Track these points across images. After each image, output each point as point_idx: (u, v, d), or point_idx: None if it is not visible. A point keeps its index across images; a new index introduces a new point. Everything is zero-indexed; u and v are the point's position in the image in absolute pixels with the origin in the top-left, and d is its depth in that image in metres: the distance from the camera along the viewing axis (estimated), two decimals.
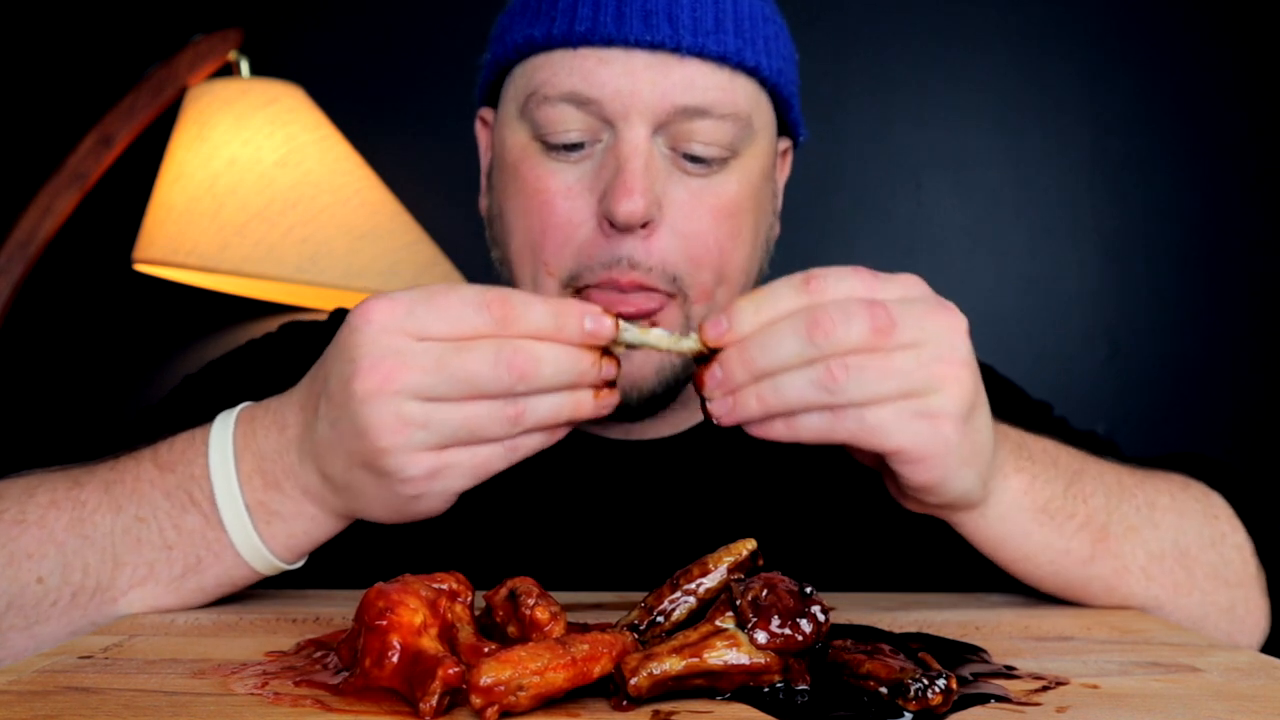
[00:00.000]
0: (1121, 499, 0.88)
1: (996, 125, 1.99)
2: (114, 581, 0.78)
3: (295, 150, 1.74)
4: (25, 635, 0.78)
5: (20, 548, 0.78)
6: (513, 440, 0.70)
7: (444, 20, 2.00)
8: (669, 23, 0.87)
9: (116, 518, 0.79)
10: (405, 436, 0.68)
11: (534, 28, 0.90)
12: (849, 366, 0.67)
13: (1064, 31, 1.99)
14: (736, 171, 0.92)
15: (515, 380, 0.67)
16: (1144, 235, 1.98)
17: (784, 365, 0.68)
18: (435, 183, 1.96)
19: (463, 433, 0.69)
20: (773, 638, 0.58)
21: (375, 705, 0.56)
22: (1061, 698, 0.59)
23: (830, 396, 0.68)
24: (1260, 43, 1.97)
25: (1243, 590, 0.90)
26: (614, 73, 0.87)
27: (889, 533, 1.00)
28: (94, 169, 1.83)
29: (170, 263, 1.70)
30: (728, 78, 0.89)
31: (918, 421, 0.70)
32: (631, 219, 0.86)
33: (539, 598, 0.61)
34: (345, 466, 0.72)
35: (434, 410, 0.68)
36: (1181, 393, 1.97)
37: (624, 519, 0.99)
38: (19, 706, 0.54)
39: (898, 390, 0.69)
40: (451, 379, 0.67)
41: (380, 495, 0.73)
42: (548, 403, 0.70)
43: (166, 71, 1.86)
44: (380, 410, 0.68)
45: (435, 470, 0.70)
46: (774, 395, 0.68)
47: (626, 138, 0.88)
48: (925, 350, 0.69)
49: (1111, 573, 0.86)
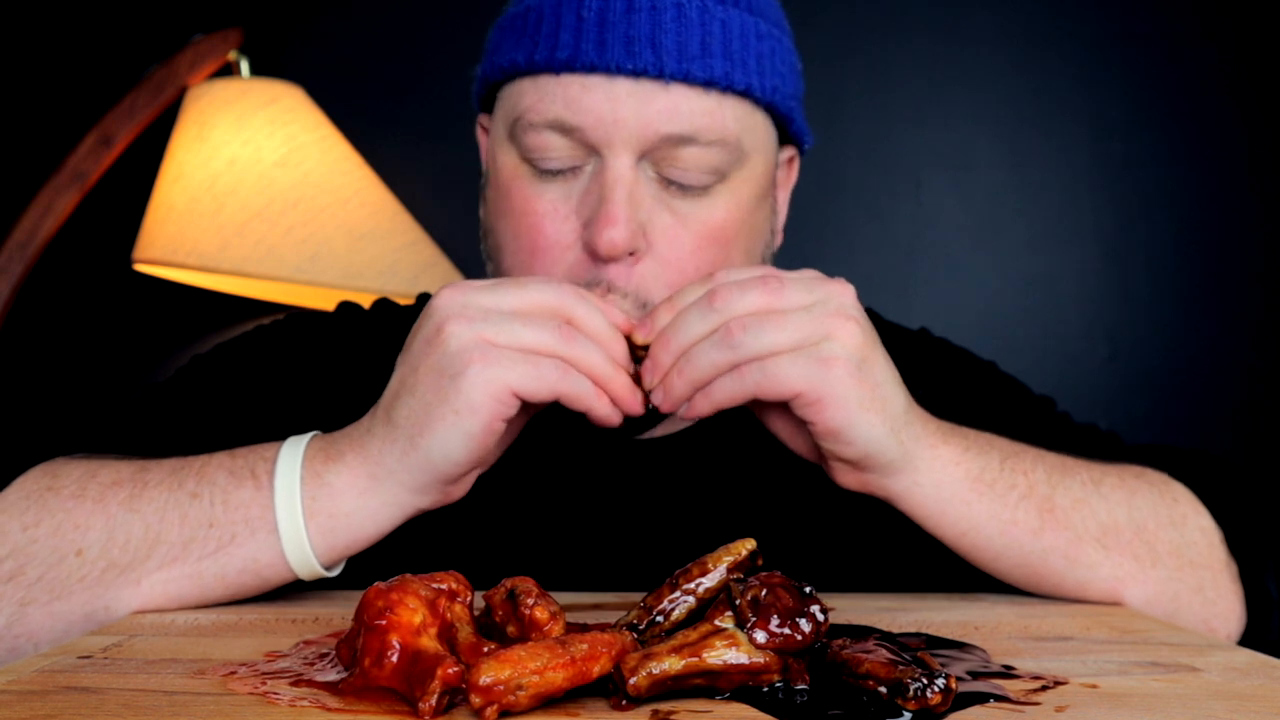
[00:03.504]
0: (1064, 475, 0.89)
1: (996, 125, 1.99)
2: (148, 558, 0.79)
3: (295, 150, 1.74)
4: (45, 612, 0.78)
5: (71, 519, 0.79)
6: (564, 365, 0.75)
7: (444, 20, 2.00)
8: (652, 49, 0.87)
9: (172, 494, 0.80)
10: (468, 321, 0.75)
11: (517, 52, 0.90)
12: (746, 325, 0.76)
13: (1064, 32, 1.99)
14: (724, 196, 0.91)
15: (566, 298, 0.77)
16: (1144, 235, 1.98)
17: (695, 339, 0.77)
18: (435, 183, 1.96)
19: (517, 327, 0.75)
20: (772, 637, 0.58)
21: (375, 705, 0.56)
22: (1060, 697, 0.59)
23: (733, 353, 0.76)
24: (1260, 43, 1.97)
25: (1210, 573, 0.90)
26: (596, 100, 0.87)
27: (889, 533, 1.00)
28: (94, 169, 1.83)
29: (170, 263, 1.71)
30: (715, 102, 0.89)
31: (813, 365, 0.76)
32: (614, 250, 0.86)
33: (538, 597, 0.61)
34: (413, 391, 0.76)
35: (494, 313, 0.75)
36: (1181, 393, 1.97)
37: (623, 518, 0.99)
38: (18, 706, 0.54)
39: (792, 341, 0.76)
40: (512, 292, 0.76)
41: (438, 402, 0.75)
42: (593, 349, 0.76)
43: (166, 71, 1.86)
44: (449, 302, 0.76)
45: (484, 351, 0.74)
46: (690, 367, 0.77)
47: (610, 165, 0.87)
48: (816, 308, 0.77)
49: (1066, 543, 0.87)
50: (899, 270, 2.00)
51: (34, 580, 0.78)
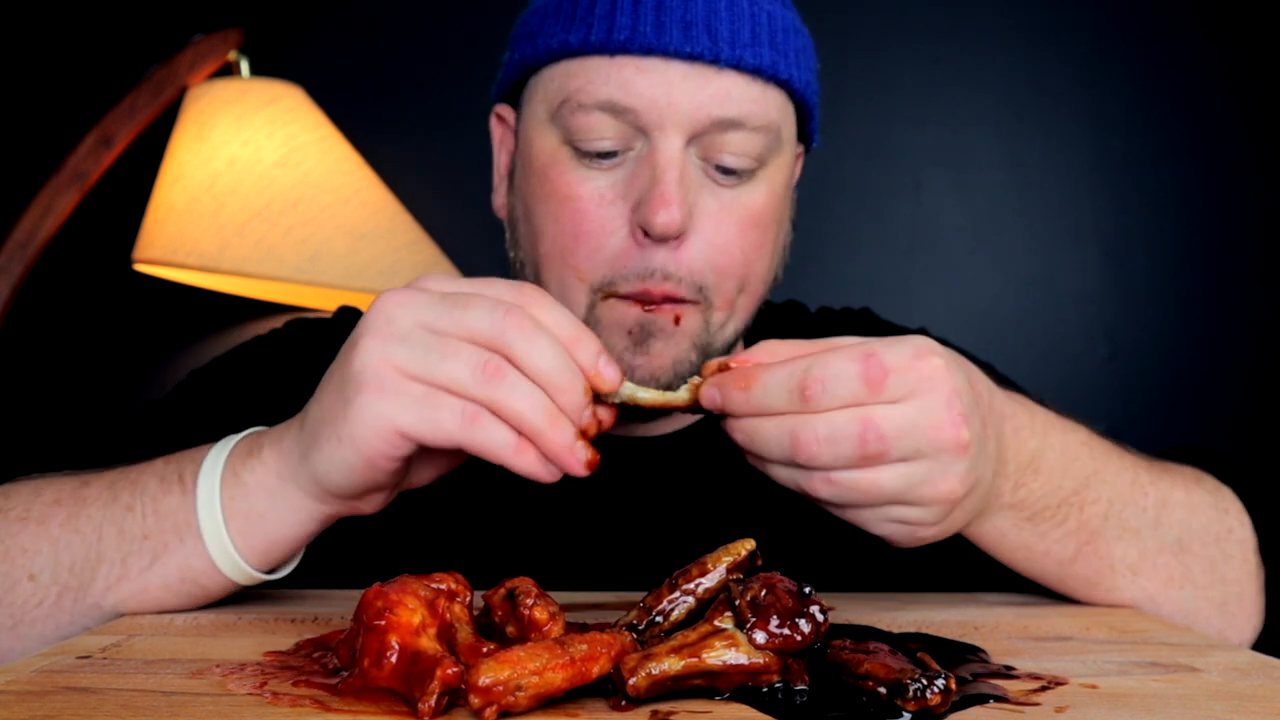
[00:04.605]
0: (1128, 502, 0.88)
1: (996, 125, 1.99)
2: (93, 579, 0.77)
3: (295, 150, 1.74)
4: (10, 635, 0.78)
5: (17, 544, 0.78)
6: (474, 410, 0.65)
7: (444, 20, 2.00)
8: (708, 34, 0.88)
9: (108, 509, 0.78)
10: (381, 342, 0.66)
11: (570, 33, 0.90)
12: (833, 483, 0.69)
13: (1064, 31, 1.99)
14: (764, 182, 0.92)
15: (509, 328, 0.65)
16: (1144, 235, 1.98)
17: (771, 457, 0.70)
18: (435, 183, 1.96)
19: (433, 358, 0.65)
20: (771, 638, 0.58)
21: (374, 705, 0.56)
22: (1060, 698, 0.59)
23: (814, 493, 0.71)
24: (1260, 42, 1.97)
25: (1238, 587, 0.91)
26: (651, 82, 0.87)
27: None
28: (94, 169, 1.83)
29: (170, 263, 1.71)
30: (760, 90, 0.90)
31: (897, 528, 0.73)
32: (669, 230, 0.86)
33: (538, 598, 0.61)
34: (324, 396, 0.71)
35: (417, 331, 0.66)
36: (1181, 393, 1.97)
37: (623, 518, 0.99)
38: (17, 707, 0.54)
39: (880, 501, 0.70)
40: (449, 312, 0.66)
41: (331, 413, 0.69)
42: (526, 393, 0.65)
43: (166, 71, 1.86)
44: (375, 316, 0.67)
45: (384, 385, 0.66)
46: (759, 443, 0.70)
47: (662, 148, 0.88)
48: (914, 471, 0.69)
49: (1094, 572, 0.87)
50: (899, 270, 2.00)
51: None
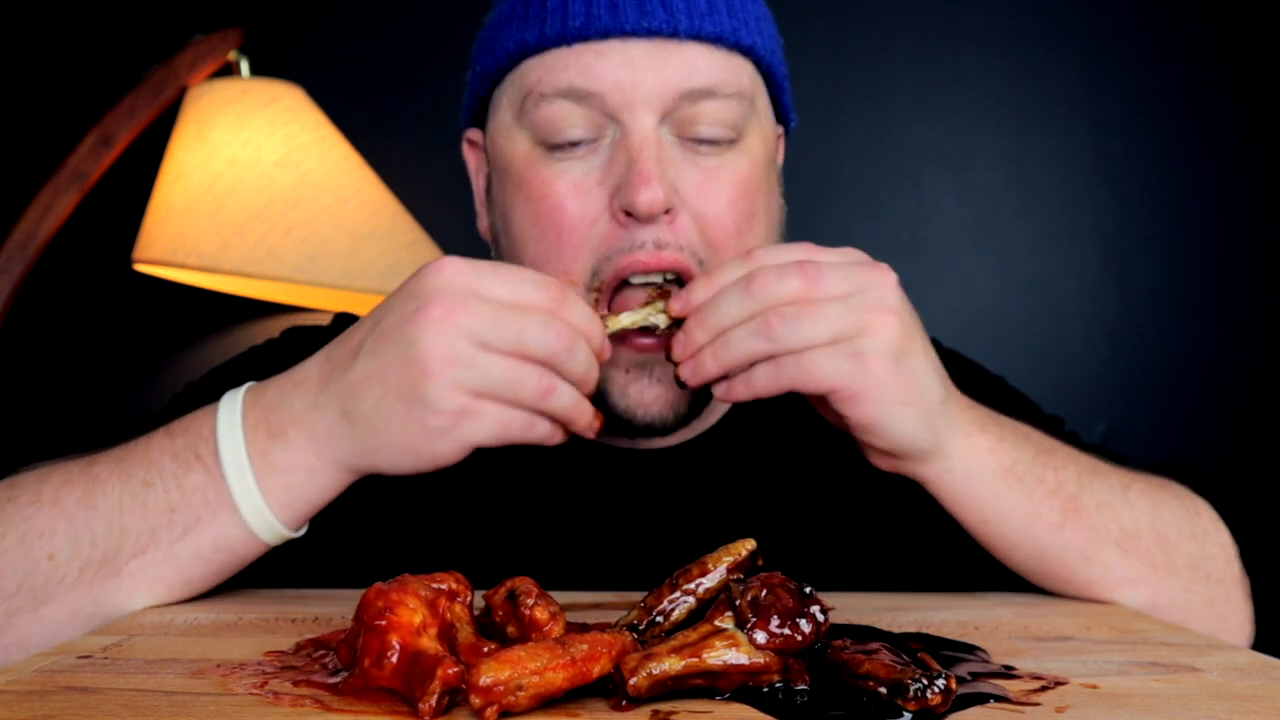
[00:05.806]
0: (1094, 476, 0.89)
1: (996, 125, 1.99)
2: (119, 550, 0.79)
3: (295, 150, 1.74)
4: (31, 618, 0.78)
5: (33, 526, 0.79)
6: (534, 415, 0.76)
7: (444, 20, 1.99)
8: (664, 8, 0.88)
9: (125, 485, 0.80)
10: (452, 370, 0.72)
11: (525, 31, 0.90)
12: (784, 315, 0.76)
13: (1064, 31, 1.99)
14: (745, 152, 0.92)
15: (560, 349, 0.74)
16: (1144, 235, 1.98)
17: (732, 322, 0.78)
18: (435, 183, 1.95)
19: (501, 385, 0.73)
20: (772, 638, 0.58)
21: (374, 705, 0.56)
22: (1061, 698, 0.59)
23: (771, 345, 0.77)
24: (1260, 43, 1.97)
25: (1224, 588, 0.91)
26: (612, 65, 0.87)
27: (889, 533, 1.00)
28: (94, 169, 1.83)
29: (170, 263, 1.71)
30: (725, 57, 0.90)
31: (848, 361, 0.77)
32: (654, 208, 0.86)
33: (538, 598, 0.61)
34: (379, 398, 0.75)
35: (482, 355, 0.73)
36: (1181, 393, 1.97)
37: (624, 524, 0.99)
38: (18, 706, 0.54)
39: (829, 335, 0.77)
40: (506, 331, 0.73)
41: (404, 430, 0.75)
42: (570, 393, 0.76)
43: (166, 71, 1.86)
44: (438, 339, 0.72)
45: (465, 411, 0.73)
46: (725, 351, 0.78)
47: (634, 129, 0.87)
48: (854, 300, 0.78)
49: (1086, 541, 0.87)
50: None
51: (14, 590, 0.78)
